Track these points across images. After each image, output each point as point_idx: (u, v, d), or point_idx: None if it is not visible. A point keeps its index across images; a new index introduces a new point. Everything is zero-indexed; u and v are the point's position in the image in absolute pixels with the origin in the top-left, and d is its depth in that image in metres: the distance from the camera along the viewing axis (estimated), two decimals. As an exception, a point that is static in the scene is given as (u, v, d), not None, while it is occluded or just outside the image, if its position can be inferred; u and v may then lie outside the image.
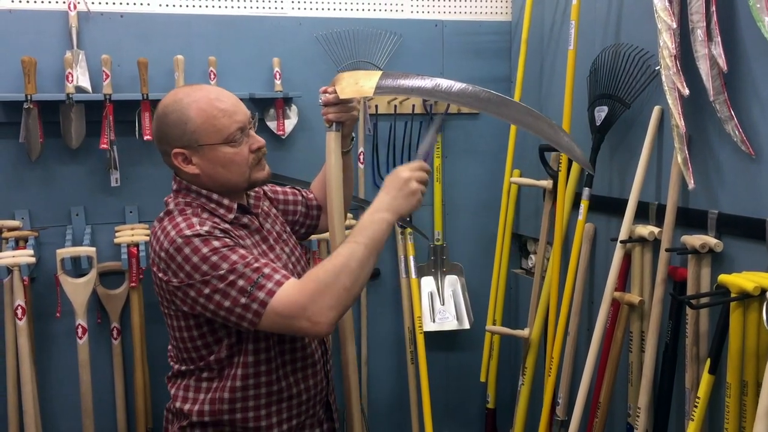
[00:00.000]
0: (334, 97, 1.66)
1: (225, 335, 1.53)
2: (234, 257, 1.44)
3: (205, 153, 1.54)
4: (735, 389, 1.71)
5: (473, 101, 1.63)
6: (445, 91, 1.62)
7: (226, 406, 1.55)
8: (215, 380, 1.55)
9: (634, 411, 2.17)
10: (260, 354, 1.55)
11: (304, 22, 2.73)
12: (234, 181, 1.58)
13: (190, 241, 1.45)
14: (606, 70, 2.27)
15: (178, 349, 1.59)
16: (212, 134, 1.53)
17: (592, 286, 2.49)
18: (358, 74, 1.70)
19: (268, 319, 1.42)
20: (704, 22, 1.78)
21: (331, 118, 1.68)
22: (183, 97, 1.55)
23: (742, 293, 1.67)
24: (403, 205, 1.51)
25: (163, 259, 1.49)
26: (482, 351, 3.02)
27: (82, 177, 2.53)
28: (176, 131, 1.54)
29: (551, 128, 1.64)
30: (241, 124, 1.55)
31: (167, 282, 1.49)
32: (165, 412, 1.67)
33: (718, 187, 1.91)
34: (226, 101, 1.55)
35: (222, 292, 1.43)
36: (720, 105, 1.81)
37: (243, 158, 1.56)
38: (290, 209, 1.86)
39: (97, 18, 2.49)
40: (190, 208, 1.55)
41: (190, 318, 1.52)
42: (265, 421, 1.58)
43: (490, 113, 1.66)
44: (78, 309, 2.36)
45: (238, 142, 1.55)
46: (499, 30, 2.99)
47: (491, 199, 3.03)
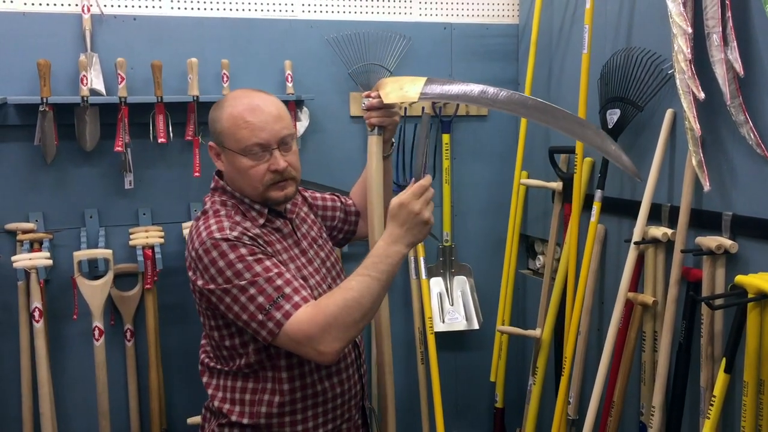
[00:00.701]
0: (378, 101, 1.69)
1: (250, 339, 1.55)
2: (258, 268, 1.47)
3: (228, 156, 1.61)
4: (752, 388, 1.74)
5: (520, 108, 1.66)
6: (491, 98, 1.64)
7: (264, 409, 1.57)
8: (250, 383, 1.58)
9: (648, 410, 2.20)
10: (293, 358, 1.57)
11: (315, 25, 2.74)
12: (247, 191, 1.62)
13: (218, 245, 1.49)
14: (618, 73, 2.30)
15: (211, 347, 1.62)
16: (232, 141, 1.58)
17: (602, 287, 2.52)
18: (403, 80, 1.72)
19: (280, 340, 1.47)
20: (720, 27, 1.81)
21: (374, 122, 1.72)
22: (231, 97, 1.62)
23: (760, 293, 1.70)
24: (417, 235, 1.50)
25: (194, 258, 1.53)
26: (490, 351, 3.05)
27: (95, 179, 2.54)
28: (212, 126, 1.63)
29: (598, 136, 1.66)
30: (262, 141, 1.56)
31: (195, 281, 1.54)
32: (203, 410, 1.70)
33: (732, 189, 1.94)
34: (259, 116, 1.56)
35: (241, 305, 1.47)
36: (735, 109, 1.84)
37: (258, 174, 1.58)
38: (329, 215, 1.89)
39: (110, 21, 2.50)
40: (224, 209, 1.59)
41: (218, 318, 1.56)
42: (301, 426, 1.60)
43: (536, 120, 1.68)
44: (95, 311, 2.37)
45: (256, 157, 1.57)
46: (507, 33, 3.02)
47: (499, 201, 3.05)
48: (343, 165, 2.79)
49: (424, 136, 1.59)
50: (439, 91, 1.69)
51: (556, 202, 2.72)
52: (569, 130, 1.66)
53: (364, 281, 1.45)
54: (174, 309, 2.66)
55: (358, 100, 2.82)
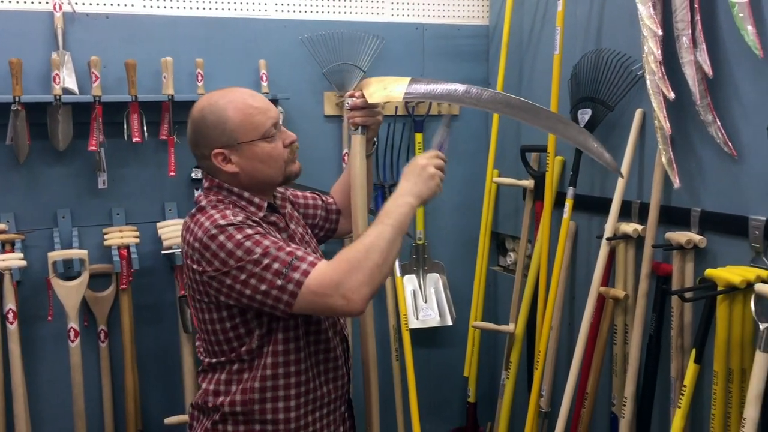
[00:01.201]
0: (362, 101, 1.72)
1: (257, 326, 1.56)
2: (266, 242, 1.49)
3: (244, 150, 1.59)
4: (722, 377, 1.81)
5: (504, 108, 1.70)
6: (476, 97, 1.67)
7: (257, 396, 1.58)
8: (246, 371, 1.59)
9: (619, 401, 2.27)
10: (290, 343, 1.59)
11: (289, 25, 2.76)
12: (272, 175, 1.63)
13: (224, 230, 1.50)
14: (588, 73, 2.36)
15: (208, 342, 1.61)
16: (250, 131, 1.58)
17: (573, 282, 2.59)
18: (386, 80, 1.75)
19: (303, 299, 1.46)
20: (689, 29, 1.88)
21: (358, 122, 1.74)
22: (218, 99, 1.60)
23: (729, 286, 1.77)
24: (423, 189, 1.57)
25: (197, 249, 1.52)
26: (462, 347, 3.10)
27: (68, 179, 2.52)
28: (216, 132, 1.58)
29: (580, 134, 1.71)
30: (274, 120, 1.62)
31: (202, 272, 1.52)
32: (191, 409, 1.69)
33: (701, 186, 2.01)
34: (259, 100, 1.62)
35: (258, 276, 1.47)
36: (703, 109, 1.91)
37: (279, 153, 1.62)
38: (310, 213, 1.90)
39: (82, 19, 2.48)
40: (222, 205, 1.59)
41: (223, 309, 1.55)
42: (294, 412, 1.61)
43: (520, 119, 1.72)
44: (70, 312, 2.35)
45: (274, 138, 1.61)
46: (477, 34, 3.07)
47: (470, 199, 3.10)
48: (317, 164, 2.80)
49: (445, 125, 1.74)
50: (423, 91, 1.72)
51: (527, 200, 2.78)
52: (553, 129, 1.71)
53: (378, 228, 1.51)
54: (149, 309, 2.65)
55: (333, 99, 2.85)
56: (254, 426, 1.60)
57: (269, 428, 1.60)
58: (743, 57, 1.82)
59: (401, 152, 2.95)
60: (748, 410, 1.63)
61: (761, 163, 1.81)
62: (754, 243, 1.82)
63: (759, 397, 1.62)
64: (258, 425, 1.60)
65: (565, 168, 2.58)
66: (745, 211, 1.86)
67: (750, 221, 1.83)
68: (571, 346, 2.60)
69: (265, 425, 1.60)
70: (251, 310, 1.55)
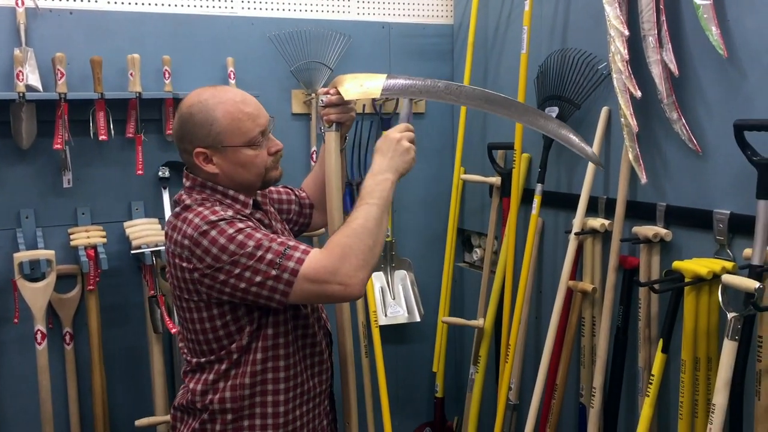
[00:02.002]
0: (338, 98, 1.72)
1: (247, 322, 1.56)
2: (258, 235, 1.50)
3: (227, 154, 1.58)
4: (689, 366, 1.88)
5: (483, 103, 1.73)
6: (454, 93, 1.70)
7: (247, 392, 1.58)
8: (235, 368, 1.58)
9: (588, 391, 2.33)
10: (279, 338, 1.60)
11: (256, 22, 2.74)
12: (251, 180, 1.63)
13: (216, 225, 1.49)
14: (554, 72, 2.42)
15: (196, 342, 1.60)
16: (236, 137, 1.57)
17: (540, 277, 2.64)
18: (361, 76, 1.75)
19: (299, 287, 1.47)
20: (655, 30, 1.94)
21: (333, 119, 1.74)
22: (209, 98, 1.58)
23: (696, 278, 1.83)
24: (400, 163, 1.60)
25: (186, 246, 1.51)
26: (429, 342, 3.14)
27: (31, 178, 2.46)
28: (201, 131, 1.57)
29: (561, 128, 1.75)
30: (263, 127, 1.61)
31: (192, 270, 1.51)
32: (173, 410, 1.67)
33: (666, 181, 2.08)
34: (251, 105, 1.60)
35: (252, 269, 1.47)
36: (668, 107, 1.97)
37: (262, 160, 1.62)
38: (284, 208, 1.90)
39: (45, 15, 2.43)
40: (208, 202, 1.58)
41: (213, 308, 1.54)
42: (282, 407, 1.61)
43: (500, 115, 1.75)
44: (37, 314, 2.30)
45: (260, 145, 1.60)
46: (442, 33, 3.10)
47: (436, 196, 3.14)
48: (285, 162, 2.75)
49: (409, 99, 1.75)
50: (401, 87, 1.73)
51: (494, 197, 2.82)
52: (533, 123, 1.75)
53: (364, 209, 1.52)
54: (116, 310, 2.60)
55: (300, 97, 2.85)
56: (243, 422, 1.60)
57: (257, 423, 1.60)
58: (707, 57, 1.89)
59: (369, 150, 2.97)
60: (717, 397, 1.69)
61: (725, 158, 1.88)
62: (718, 236, 1.89)
63: (727, 384, 1.68)
64: (247, 421, 1.60)
65: (532, 165, 2.63)
66: (709, 205, 1.93)
67: (714, 215, 1.90)
68: (538, 340, 2.66)
69: (254, 420, 1.60)
70: (242, 307, 1.54)
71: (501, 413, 2.55)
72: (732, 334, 1.69)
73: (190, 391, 1.62)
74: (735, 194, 1.86)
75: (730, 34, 1.82)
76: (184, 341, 1.65)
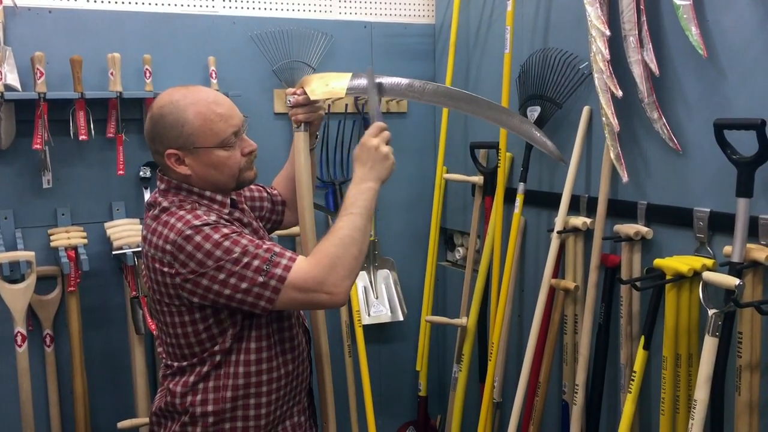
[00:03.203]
0: (305, 98, 1.72)
1: (230, 325, 1.55)
2: (244, 241, 1.49)
3: (200, 155, 1.57)
4: (670, 362, 1.90)
5: (446, 100, 1.74)
6: (419, 90, 1.71)
7: (229, 394, 1.57)
8: (217, 370, 1.57)
9: (570, 388, 2.34)
10: (262, 341, 1.59)
11: (238, 21, 2.73)
12: (224, 181, 1.62)
13: (200, 230, 1.48)
14: (536, 72, 2.43)
15: (176, 346, 1.59)
16: (208, 138, 1.55)
17: (522, 275, 2.66)
18: (328, 76, 1.76)
19: (285, 295, 1.47)
20: (636, 30, 1.96)
21: (300, 119, 1.74)
22: (180, 98, 1.56)
23: (677, 275, 1.86)
24: (381, 170, 1.62)
25: (168, 252, 1.49)
26: (411, 341, 3.15)
27: (10, 179, 2.43)
28: (172, 133, 1.55)
29: (523, 123, 1.76)
30: (235, 128, 1.59)
31: (174, 275, 1.49)
32: (153, 417, 1.66)
33: (646, 180, 2.10)
34: (223, 105, 1.59)
35: (238, 275, 1.46)
36: (649, 106, 1.99)
37: (235, 161, 1.61)
38: (257, 205, 1.89)
39: (24, 13, 2.40)
40: (188, 204, 1.57)
41: (195, 311, 1.53)
42: (264, 408, 1.61)
43: (464, 111, 1.77)
44: (17, 316, 2.28)
45: (233, 146, 1.59)
46: (424, 33, 3.11)
47: (418, 195, 3.15)
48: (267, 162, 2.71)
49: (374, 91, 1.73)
50: (364, 86, 1.74)
51: (476, 196, 2.83)
52: (496, 119, 1.77)
53: (349, 219, 1.53)
54: (97, 311, 2.58)
55: (282, 97, 2.84)
56: (225, 425, 1.59)
57: (239, 425, 1.60)
58: (687, 56, 1.91)
59: (351, 150, 2.97)
60: (698, 393, 1.71)
61: (704, 157, 1.90)
62: (698, 233, 1.92)
63: (708, 379, 1.71)
64: (228, 423, 1.59)
65: (514, 164, 2.65)
66: (689, 203, 1.96)
67: (695, 213, 1.92)
68: (520, 337, 2.68)
69: (236, 422, 1.59)
70: (224, 311, 1.53)
71: (485, 411, 2.56)
72: (713, 330, 1.71)
73: (169, 393, 1.60)
74: (715, 192, 1.88)
75: (710, 34, 1.84)
76: (163, 345, 1.63)
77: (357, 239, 1.52)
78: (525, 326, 2.65)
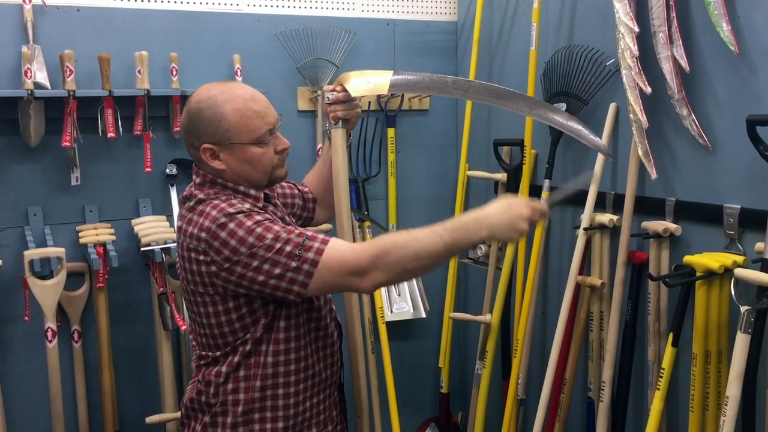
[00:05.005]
0: (345, 95, 1.73)
1: (263, 315, 1.57)
2: (276, 227, 1.51)
3: (235, 151, 1.59)
4: (700, 359, 1.90)
5: (492, 98, 1.74)
6: (462, 87, 1.71)
7: (259, 383, 1.59)
8: (245, 360, 1.59)
9: (596, 385, 2.34)
10: (291, 331, 1.61)
11: (262, 19, 2.75)
12: (257, 178, 1.63)
13: (234, 217, 1.50)
14: (561, 69, 2.43)
15: (210, 336, 1.60)
16: (244, 134, 1.57)
17: (546, 272, 2.66)
18: (367, 73, 1.77)
19: (319, 278, 1.48)
20: (666, 26, 1.96)
21: (339, 116, 1.75)
22: (218, 94, 1.58)
23: (708, 272, 1.85)
24: (502, 233, 1.52)
25: (203, 239, 1.51)
26: (433, 338, 3.16)
27: (39, 176, 2.45)
28: (209, 128, 1.57)
29: (570, 120, 1.76)
30: (271, 126, 1.61)
31: (209, 263, 1.51)
32: (184, 409, 1.68)
33: (675, 176, 2.09)
34: (260, 102, 1.61)
35: (271, 261, 1.48)
36: (678, 102, 1.99)
37: (269, 158, 1.62)
38: (288, 202, 1.91)
39: (52, 12, 2.42)
40: (223, 195, 1.59)
41: (229, 301, 1.55)
42: (293, 398, 1.63)
43: (508, 108, 1.77)
44: (47, 311, 2.30)
45: (267, 143, 1.61)
46: (446, 30, 3.11)
47: (440, 192, 3.15)
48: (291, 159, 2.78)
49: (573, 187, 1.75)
50: (408, 82, 1.75)
51: (499, 193, 2.83)
52: (542, 116, 1.77)
53: (433, 239, 1.48)
54: (124, 308, 2.61)
55: (306, 94, 2.85)
56: (254, 415, 1.60)
57: (269, 415, 1.61)
58: (717, 53, 1.91)
59: (374, 147, 2.98)
60: (730, 389, 1.71)
61: (735, 154, 1.89)
62: (728, 230, 1.91)
63: (740, 376, 1.71)
64: (258, 414, 1.61)
65: (538, 161, 2.65)
66: (719, 200, 1.95)
67: (725, 209, 1.92)
68: (544, 334, 2.68)
69: (265, 412, 1.61)
70: (258, 299, 1.55)
71: (509, 408, 2.57)
72: (745, 327, 1.71)
73: (202, 383, 1.62)
74: (745, 189, 1.87)
75: (741, 30, 1.84)
76: (195, 335, 1.66)
77: (421, 259, 1.47)
78: (549, 323, 2.65)
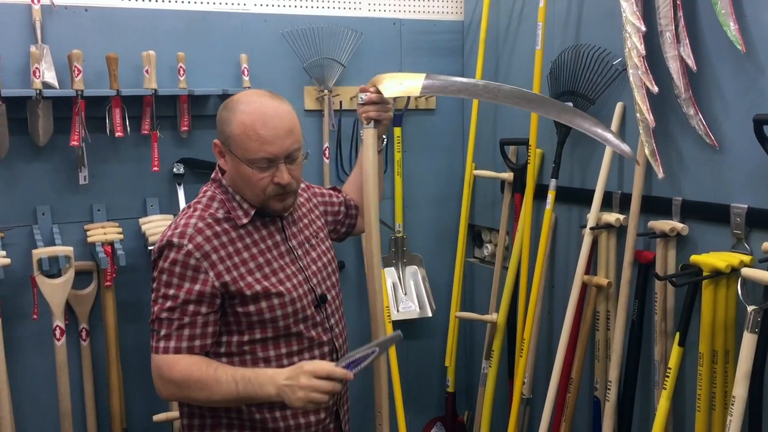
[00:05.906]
0: (378, 96, 1.74)
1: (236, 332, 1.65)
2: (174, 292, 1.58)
3: (233, 160, 1.62)
4: (707, 358, 1.90)
5: (521, 102, 1.75)
6: (493, 92, 1.72)
7: None
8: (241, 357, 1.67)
9: (602, 385, 2.34)
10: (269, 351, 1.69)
11: (269, 19, 2.75)
12: (248, 195, 1.65)
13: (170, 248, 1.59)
14: (568, 68, 2.43)
15: None
16: (239, 150, 1.59)
17: (552, 272, 2.66)
18: (400, 75, 1.79)
19: None
20: (673, 25, 1.96)
21: (372, 116, 1.78)
22: (243, 100, 1.61)
23: (715, 271, 1.85)
24: (286, 396, 1.51)
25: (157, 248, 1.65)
26: (439, 337, 3.16)
27: (47, 175, 2.46)
28: (221, 126, 1.63)
29: (597, 125, 1.77)
30: (270, 155, 1.56)
31: None
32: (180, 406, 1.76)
33: (682, 175, 2.09)
34: (270, 129, 1.56)
35: (153, 304, 1.64)
36: (685, 102, 1.99)
37: (261, 185, 1.60)
38: (332, 210, 1.93)
39: (60, 12, 2.43)
40: (213, 203, 1.65)
41: None
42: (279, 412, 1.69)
43: (536, 112, 1.79)
44: (55, 310, 2.31)
45: (262, 170, 1.58)
46: (453, 29, 3.11)
47: (446, 192, 3.15)
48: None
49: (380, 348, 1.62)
50: (440, 85, 1.76)
51: (506, 192, 2.83)
52: (570, 121, 1.78)
53: (229, 387, 1.54)
54: (131, 306, 2.61)
55: (313, 93, 2.86)
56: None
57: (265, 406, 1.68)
58: (724, 52, 1.91)
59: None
60: (736, 389, 1.71)
61: (742, 153, 1.89)
62: (735, 230, 1.91)
63: (747, 376, 1.71)
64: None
65: (544, 160, 2.65)
66: (726, 199, 1.95)
67: (732, 209, 1.91)
68: (550, 334, 2.68)
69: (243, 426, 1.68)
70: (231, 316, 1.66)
71: (516, 407, 2.57)
72: (752, 326, 1.71)
73: None
74: (752, 188, 1.87)
75: (748, 30, 1.84)
76: None
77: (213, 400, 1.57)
78: (555, 322, 2.65)
